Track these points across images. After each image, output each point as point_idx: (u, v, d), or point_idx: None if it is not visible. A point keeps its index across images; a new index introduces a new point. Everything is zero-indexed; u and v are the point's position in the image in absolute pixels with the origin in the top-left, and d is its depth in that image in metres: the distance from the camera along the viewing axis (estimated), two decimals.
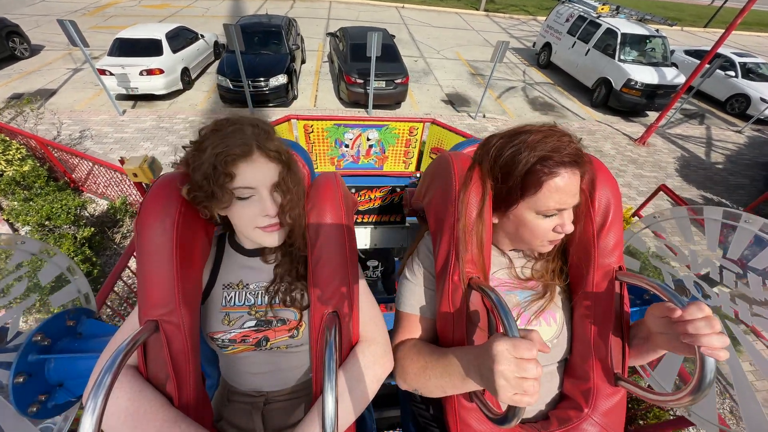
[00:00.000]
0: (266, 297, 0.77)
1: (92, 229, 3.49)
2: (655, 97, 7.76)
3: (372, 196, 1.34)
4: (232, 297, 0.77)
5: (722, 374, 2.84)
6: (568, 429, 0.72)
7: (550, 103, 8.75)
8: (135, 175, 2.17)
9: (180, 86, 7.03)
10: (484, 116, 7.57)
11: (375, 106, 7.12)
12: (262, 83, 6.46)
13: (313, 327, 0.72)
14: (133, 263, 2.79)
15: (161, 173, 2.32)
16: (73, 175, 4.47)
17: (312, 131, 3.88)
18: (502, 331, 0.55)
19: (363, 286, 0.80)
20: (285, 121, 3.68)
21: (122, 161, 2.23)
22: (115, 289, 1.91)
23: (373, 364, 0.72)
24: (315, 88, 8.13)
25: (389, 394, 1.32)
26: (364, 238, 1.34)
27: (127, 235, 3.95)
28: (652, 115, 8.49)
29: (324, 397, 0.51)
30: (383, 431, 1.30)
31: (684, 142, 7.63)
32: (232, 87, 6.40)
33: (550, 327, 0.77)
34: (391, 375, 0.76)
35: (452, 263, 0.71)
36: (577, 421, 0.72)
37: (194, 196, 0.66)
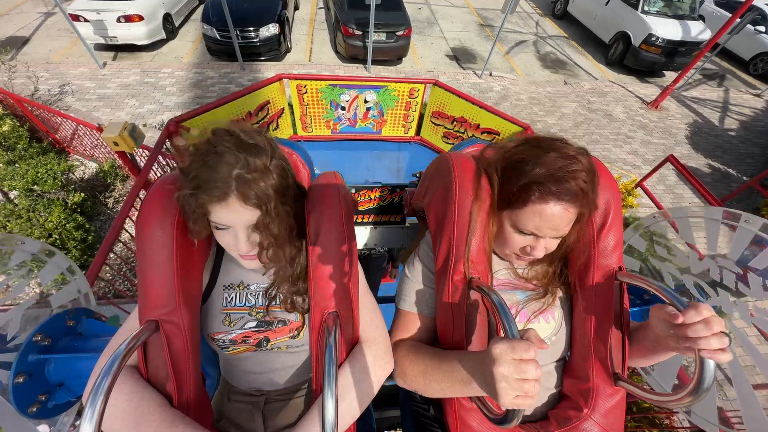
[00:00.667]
0: (266, 300, 0.76)
1: (82, 194, 3.41)
2: (676, 55, 7.21)
3: (372, 196, 1.30)
4: (232, 298, 0.77)
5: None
6: (567, 429, 0.72)
7: (562, 59, 8.17)
8: (116, 144, 2.04)
9: (163, 35, 6.46)
10: (490, 74, 7.10)
11: (374, 62, 6.63)
12: (252, 34, 5.93)
13: (312, 327, 0.71)
14: (128, 245, 2.75)
15: (142, 141, 2.18)
16: (57, 135, 4.27)
17: (305, 92, 3.63)
18: (502, 332, 0.54)
19: (363, 286, 0.79)
20: (276, 80, 3.42)
21: (100, 129, 2.08)
22: (110, 261, 1.90)
23: (374, 364, 0.71)
24: (310, 40, 7.51)
25: (389, 394, 1.32)
26: (364, 238, 1.33)
27: (119, 199, 3.88)
28: (669, 76, 7.98)
29: (324, 397, 0.51)
30: (383, 431, 1.32)
31: (699, 106, 7.26)
32: (219, 37, 5.89)
33: (549, 324, 0.78)
34: (392, 375, 0.76)
35: (452, 264, 0.70)
36: (577, 422, 0.72)
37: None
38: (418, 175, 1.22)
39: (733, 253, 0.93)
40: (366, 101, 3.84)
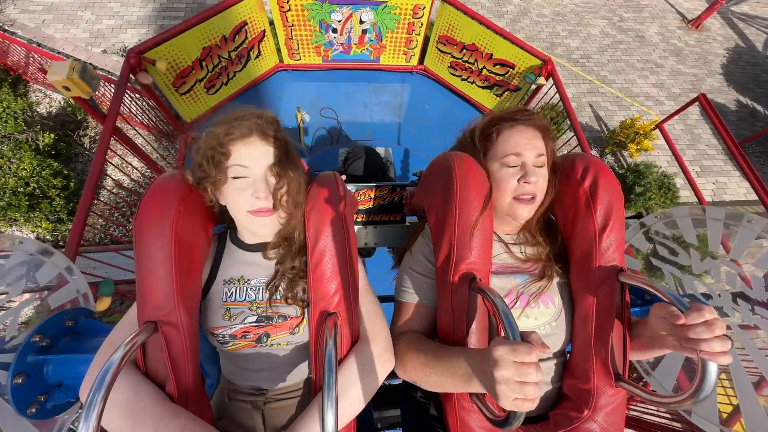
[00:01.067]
0: (267, 293, 0.77)
1: (52, 135, 3.12)
2: None
3: (372, 196, 1.27)
4: (232, 292, 0.78)
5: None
6: (568, 430, 0.72)
7: None
8: (67, 89, 1.73)
9: None
10: None
11: None
12: None
13: (312, 327, 0.72)
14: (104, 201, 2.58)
15: (98, 82, 1.87)
16: (8, 61, 3.73)
17: (289, 9, 3.03)
18: (503, 334, 0.54)
19: (364, 284, 0.80)
20: None
21: (44, 71, 1.74)
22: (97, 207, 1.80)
23: (374, 362, 0.72)
24: None
25: (389, 394, 1.35)
26: (363, 237, 1.31)
27: (96, 138, 3.58)
28: None
29: (323, 396, 0.51)
30: (383, 431, 1.34)
31: (745, 26, 6.32)
32: None
33: (549, 309, 0.79)
34: (392, 374, 0.76)
35: (453, 264, 0.70)
36: (578, 422, 0.72)
37: (196, 178, 0.70)
38: (418, 174, 1.19)
39: (735, 253, 0.92)
40: (362, 21, 3.25)
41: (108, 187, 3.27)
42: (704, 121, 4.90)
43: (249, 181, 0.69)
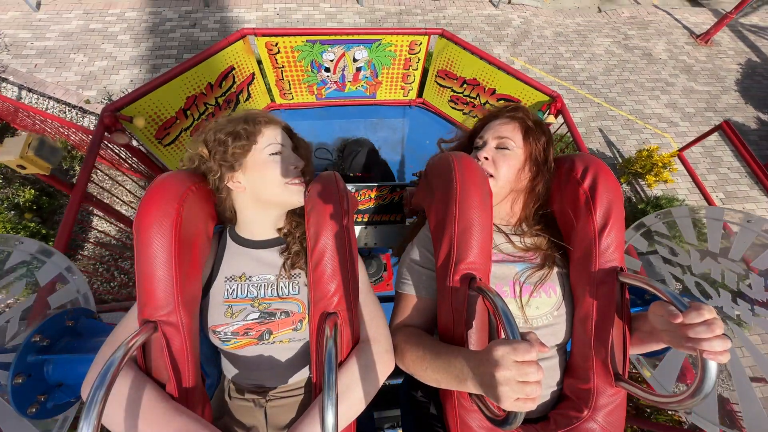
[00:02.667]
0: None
1: (33, 190, 2.97)
2: None
3: (372, 196, 1.28)
4: (234, 289, 0.79)
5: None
6: (568, 430, 0.72)
7: None
8: (22, 167, 1.55)
9: None
10: (509, 2, 5.84)
11: None
12: None
13: (312, 327, 0.72)
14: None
15: (60, 156, 1.68)
16: None
17: (278, 52, 2.88)
18: (503, 335, 0.54)
19: (364, 284, 0.80)
20: (239, 38, 2.67)
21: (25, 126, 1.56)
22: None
23: (374, 363, 0.72)
24: None
25: (389, 394, 1.34)
26: (363, 237, 1.32)
27: None
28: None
29: (324, 396, 0.51)
30: (383, 431, 1.33)
31: (757, 38, 6.09)
32: None
33: (550, 298, 0.79)
34: (392, 374, 0.77)
35: (452, 264, 0.70)
36: (578, 422, 0.72)
37: (214, 156, 0.75)
38: (418, 174, 1.18)
39: (735, 253, 0.93)
40: (355, 60, 3.09)
41: (92, 240, 3.09)
42: (723, 143, 4.62)
43: (284, 156, 0.79)
